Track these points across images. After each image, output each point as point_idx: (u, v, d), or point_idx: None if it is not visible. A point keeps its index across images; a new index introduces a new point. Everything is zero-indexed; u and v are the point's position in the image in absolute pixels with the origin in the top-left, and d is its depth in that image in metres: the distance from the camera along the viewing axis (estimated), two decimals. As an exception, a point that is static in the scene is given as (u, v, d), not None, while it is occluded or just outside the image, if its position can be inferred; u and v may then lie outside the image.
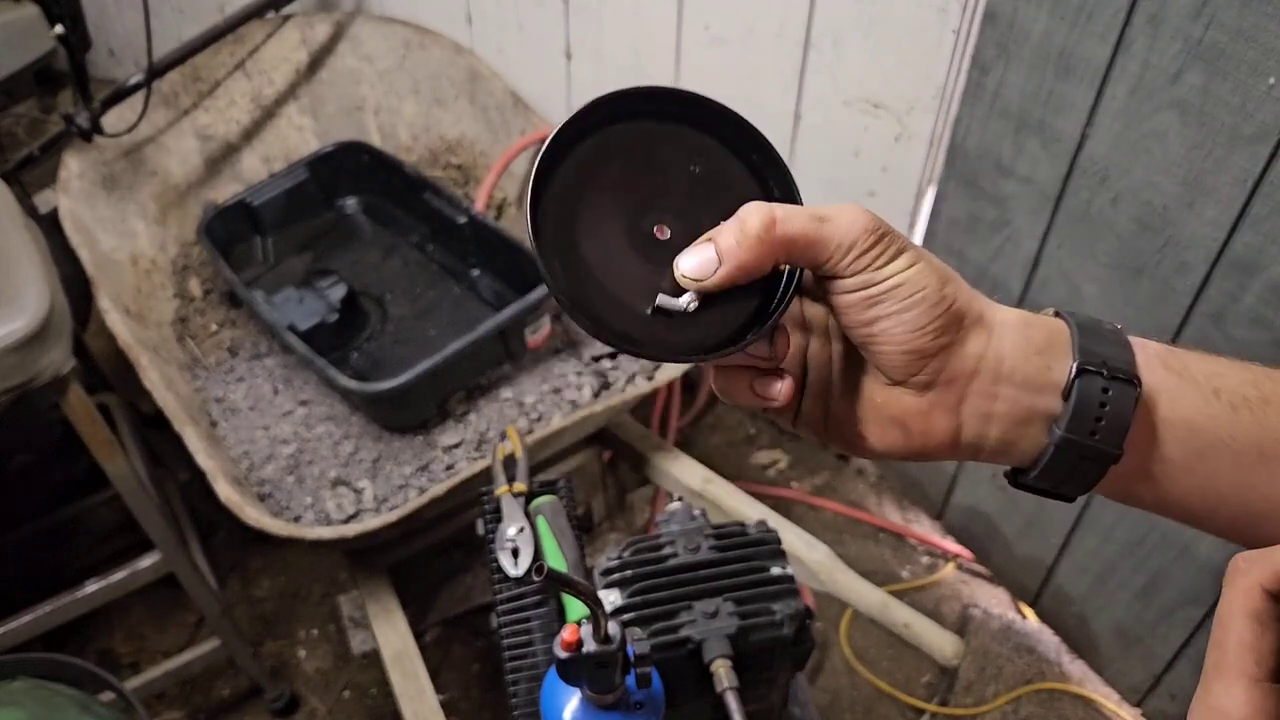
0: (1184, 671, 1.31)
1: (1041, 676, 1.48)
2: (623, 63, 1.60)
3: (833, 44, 1.37)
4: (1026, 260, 1.28)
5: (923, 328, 0.42)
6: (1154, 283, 1.13)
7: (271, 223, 1.64)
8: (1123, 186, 1.12)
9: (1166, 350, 0.45)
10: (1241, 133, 0.97)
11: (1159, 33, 1.01)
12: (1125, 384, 0.42)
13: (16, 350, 1.01)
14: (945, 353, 0.43)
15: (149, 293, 1.55)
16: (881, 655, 1.60)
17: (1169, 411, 0.43)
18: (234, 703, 1.58)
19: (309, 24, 1.76)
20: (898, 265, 0.42)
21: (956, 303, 0.43)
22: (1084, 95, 1.11)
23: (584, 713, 0.75)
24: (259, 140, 1.76)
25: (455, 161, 1.81)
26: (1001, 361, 0.43)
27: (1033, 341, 0.44)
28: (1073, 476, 0.44)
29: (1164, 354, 0.45)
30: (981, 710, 1.43)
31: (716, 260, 0.42)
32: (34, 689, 1.06)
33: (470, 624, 1.66)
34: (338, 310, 1.44)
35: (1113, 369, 0.43)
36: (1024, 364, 0.43)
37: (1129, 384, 0.42)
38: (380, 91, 1.80)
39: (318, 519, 1.27)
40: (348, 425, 1.38)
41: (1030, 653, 1.51)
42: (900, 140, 1.39)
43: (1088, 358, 0.43)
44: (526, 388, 1.41)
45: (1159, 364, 0.44)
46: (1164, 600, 1.29)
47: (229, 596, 1.70)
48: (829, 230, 0.41)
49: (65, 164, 1.51)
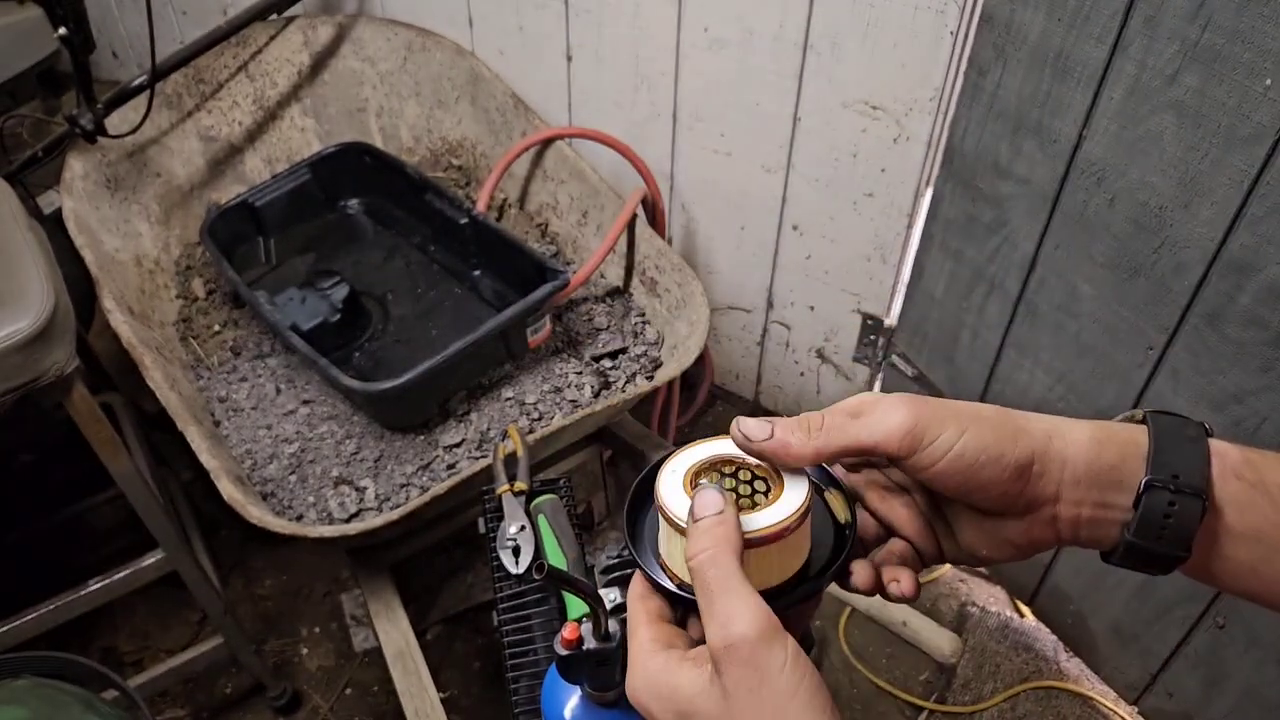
0: (1180, 669, 1.31)
1: (1039, 674, 1.49)
2: (623, 65, 1.60)
3: (831, 46, 1.37)
4: (1024, 261, 1.29)
5: (996, 479, 0.47)
6: (1151, 283, 1.13)
7: (274, 223, 1.64)
8: (1120, 187, 1.12)
9: (1244, 459, 0.47)
10: (1238, 134, 0.98)
11: (1156, 34, 1.01)
12: (1192, 498, 0.45)
13: (20, 350, 1.02)
14: (1027, 488, 0.47)
15: (152, 293, 1.55)
16: (880, 653, 1.60)
17: (1236, 521, 0.47)
18: (237, 700, 1.59)
19: (311, 26, 1.77)
20: (947, 439, 0.46)
21: (1020, 449, 0.47)
22: (1081, 96, 1.12)
23: (584, 710, 0.76)
24: (262, 141, 1.77)
25: (457, 163, 1.82)
26: (1079, 482, 0.48)
27: (1106, 459, 0.48)
28: (1146, 567, 0.48)
29: (1240, 464, 0.47)
30: (979, 708, 1.44)
31: (770, 432, 0.49)
32: (38, 687, 1.07)
33: (471, 622, 1.67)
34: (340, 310, 1.45)
35: (1181, 484, 0.46)
36: (1099, 479, 0.48)
37: (1196, 498, 0.45)
38: (382, 93, 1.81)
39: (320, 518, 1.28)
40: (350, 425, 1.39)
41: (1027, 651, 1.51)
42: (898, 142, 1.40)
43: (1158, 471, 0.46)
44: (527, 387, 1.42)
45: (1232, 475, 0.47)
46: (1160, 599, 1.29)
47: (231, 595, 1.70)
48: (867, 434, 0.47)
49: (69, 165, 1.52)
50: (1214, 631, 1.24)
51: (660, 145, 1.66)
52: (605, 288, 1.58)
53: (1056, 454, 0.47)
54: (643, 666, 0.46)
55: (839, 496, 0.53)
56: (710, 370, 1.92)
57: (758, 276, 1.73)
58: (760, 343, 1.83)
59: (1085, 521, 0.48)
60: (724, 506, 0.46)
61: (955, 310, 1.43)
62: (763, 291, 1.74)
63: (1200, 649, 1.27)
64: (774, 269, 1.70)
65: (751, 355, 1.87)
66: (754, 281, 1.74)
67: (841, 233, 1.56)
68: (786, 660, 0.41)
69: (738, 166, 1.60)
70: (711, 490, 0.47)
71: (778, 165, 1.55)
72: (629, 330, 1.51)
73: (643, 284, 1.53)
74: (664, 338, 1.49)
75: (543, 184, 1.68)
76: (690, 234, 1.76)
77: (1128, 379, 1.21)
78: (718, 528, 0.45)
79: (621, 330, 1.51)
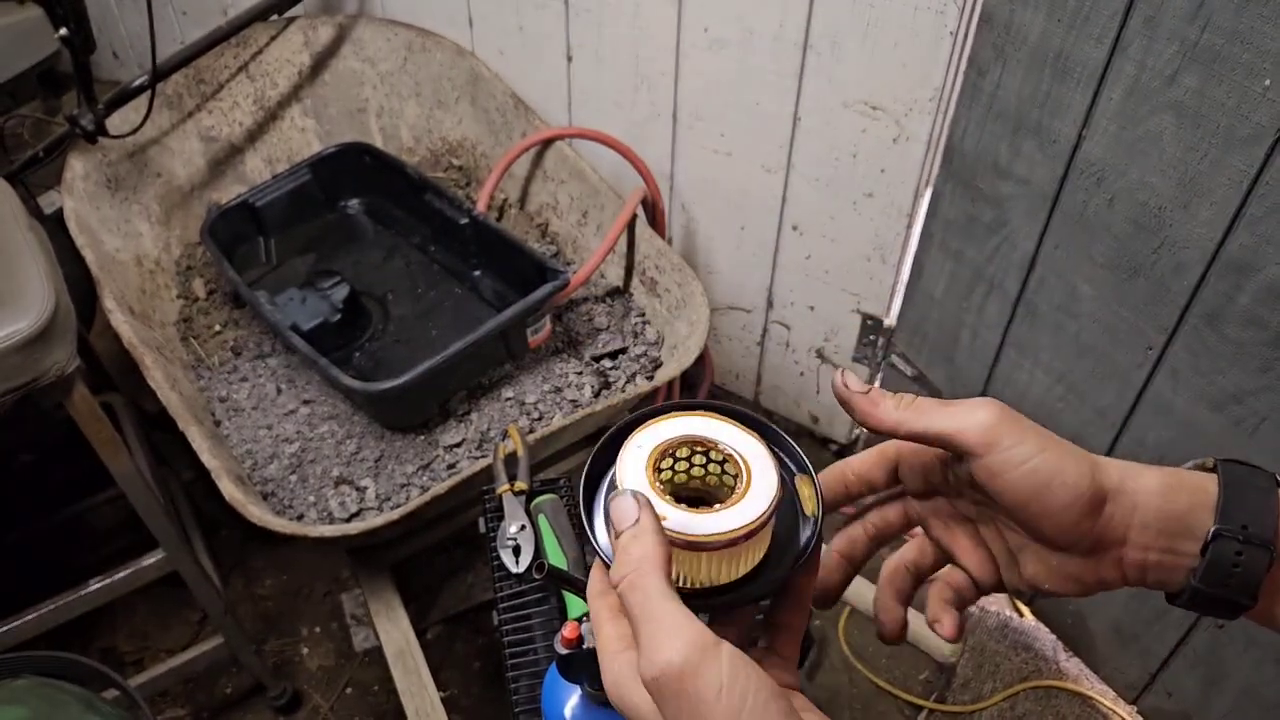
0: (1180, 669, 1.32)
1: (1038, 674, 1.49)
2: (623, 65, 1.60)
3: (831, 46, 1.37)
4: (1023, 261, 1.29)
5: (1067, 506, 0.47)
6: (1150, 283, 1.13)
7: (274, 224, 1.65)
8: (1119, 188, 1.12)
9: None
10: (1237, 134, 0.98)
11: (1155, 35, 1.01)
12: (1260, 548, 0.46)
13: (21, 350, 1.02)
14: (1096, 525, 0.47)
15: (153, 293, 1.56)
16: (880, 653, 1.61)
17: None
18: (237, 700, 1.59)
19: (312, 26, 1.77)
20: (1025, 451, 0.46)
21: (1095, 482, 0.47)
22: (1080, 97, 1.12)
23: (584, 710, 0.76)
24: (262, 142, 1.77)
25: (457, 163, 1.82)
26: (1147, 527, 0.48)
27: (1175, 506, 0.48)
28: (1212, 611, 0.48)
29: None
30: (979, 707, 1.44)
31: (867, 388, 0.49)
32: (38, 687, 1.07)
33: (472, 621, 1.67)
34: (340, 310, 1.45)
35: (1250, 534, 0.46)
36: (1168, 526, 0.48)
37: (1264, 549, 0.46)
38: (382, 93, 1.81)
39: (320, 517, 1.28)
40: (350, 424, 1.39)
41: (1027, 650, 1.51)
42: (898, 142, 1.40)
43: (1226, 521, 0.46)
44: (527, 387, 1.42)
45: None
46: (1159, 598, 1.29)
47: (232, 595, 1.71)
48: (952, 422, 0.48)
49: (70, 165, 1.52)
50: (1213, 631, 1.24)
51: (660, 145, 1.66)
52: (605, 288, 1.58)
53: (1128, 496, 0.48)
54: (609, 670, 0.43)
55: (808, 484, 0.50)
56: (710, 370, 1.92)
57: (757, 276, 1.73)
58: (760, 342, 1.83)
59: (1152, 566, 0.48)
60: (638, 514, 0.42)
61: (955, 310, 1.44)
62: (762, 291, 1.74)
63: (1199, 649, 1.27)
64: (774, 269, 1.70)
65: (751, 355, 1.87)
66: (754, 281, 1.74)
67: (841, 233, 1.56)
68: (722, 683, 0.38)
69: (738, 166, 1.60)
70: (625, 497, 0.43)
71: (778, 165, 1.55)
72: (629, 330, 1.51)
73: (643, 284, 1.53)
74: (664, 338, 1.49)
75: (543, 184, 1.68)
76: (690, 234, 1.76)
77: (1127, 379, 1.22)
78: (633, 545, 0.42)
79: (621, 330, 1.51)
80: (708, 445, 0.49)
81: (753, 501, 0.45)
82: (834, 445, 1.90)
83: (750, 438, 0.49)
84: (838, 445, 1.89)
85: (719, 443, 0.48)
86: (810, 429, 1.90)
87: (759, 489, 0.46)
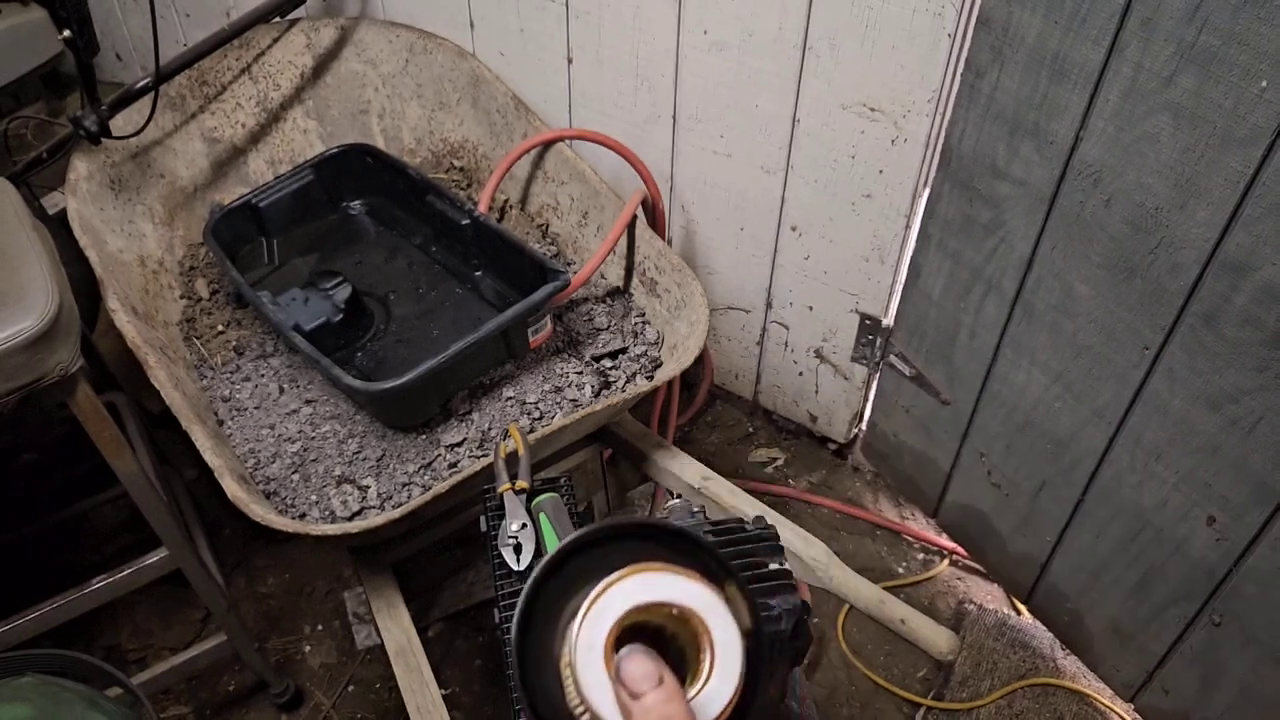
0: (1177, 667, 1.32)
1: (1036, 672, 1.49)
2: (623, 67, 1.61)
3: (830, 48, 1.38)
4: (1020, 262, 1.30)
5: None
6: (1147, 284, 1.14)
7: (277, 224, 1.65)
8: (1116, 188, 1.13)
9: None
10: (1234, 135, 0.99)
11: (1152, 36, 1.02)
12: None
13: (25, 349, 1.03)
14: None
15: (156, 293, 1.56)
16: (878, 650, 1.61)
17: None
18: (239, 698, 1.60)
19: (314, 28, 1.78)
20: None
21: None
22: (1078, 98, 1.13)
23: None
24: (265, 143, 1.78)
25: (458, 164, 1.83)
26: None
27: None
28: None
29: None
30: (976, 705, 1.45)
31: None
32: (41, 685, 1.07)
33: (473, 619, 1.68)
34: (342, 310, 1.46)
35: None
36: None
37: None
38: (384, 95, 1.82)
39: (323, 516, 1.29)
40: (352, 424, 1.40)
41: (1024, 648, 1.52)
42: (896, 143, 1.41)
43: None
44: (528, 387, 1.43)
45: None
46: (1157, 597, 1.30)
47: (234, 593, 1.71)
48: None
49: (73, 166, 1.53)
50: (1210, 629, 1.24)
51: (660, 146, 1.67)
52: (605, 288, 1.59)
53: None
54: None
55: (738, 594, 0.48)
56: (710, 370, 1.92)
57: (757, 277, 1.73)
58: (759, 342, 1.84)
59: None
60: (662, 673, 0.40)
61: (953, 310, 1.44)
62: (762, 292, 1.75)
63: (1197, 646, 1.28)
64: (773, 269, 1.70)
65: (750, 355, 1.88)
66: (753, 282, 1.75)
67: (840, 233, 1.57)
68: None
69: (737, 167, 1.61)
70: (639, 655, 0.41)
71: (777, 166, 1.56)
72: (629, 330, 1.52)
73: (643, 284, 1.54)
74: (664, 338, 1.50)
75: (543, 185, 1.69)
76: (690, 234, 1.77)
77: (1124, 379, 1.22)
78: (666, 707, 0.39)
79: (621, 330, 1.52)
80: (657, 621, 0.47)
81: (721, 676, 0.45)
82: (832, 444, 1.90)
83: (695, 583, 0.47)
84: (836, 444, 1.90)
85: (671, 604, 0.46)
86: (809, 428, 1.91)
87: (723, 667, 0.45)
